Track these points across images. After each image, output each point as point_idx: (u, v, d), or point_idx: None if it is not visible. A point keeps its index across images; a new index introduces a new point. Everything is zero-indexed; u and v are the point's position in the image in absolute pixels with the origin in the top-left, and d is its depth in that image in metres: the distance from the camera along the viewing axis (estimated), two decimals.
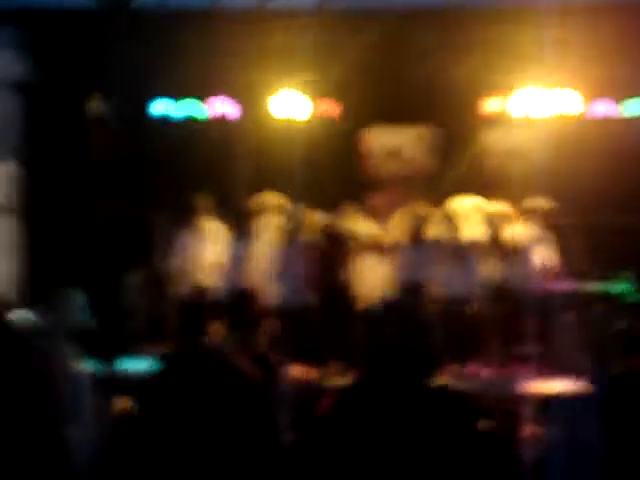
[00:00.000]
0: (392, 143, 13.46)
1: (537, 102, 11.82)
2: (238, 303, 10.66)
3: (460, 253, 10.13)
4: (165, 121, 12.38)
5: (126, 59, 9.65)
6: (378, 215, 11.66)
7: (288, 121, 12.66)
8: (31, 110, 11.82)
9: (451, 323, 10.14)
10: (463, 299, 10.09)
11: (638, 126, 11.94)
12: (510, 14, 11.15)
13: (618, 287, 11.13)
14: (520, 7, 11.08)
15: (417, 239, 10.52)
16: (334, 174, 12.85)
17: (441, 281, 10.16)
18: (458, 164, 12.65)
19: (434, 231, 10.37)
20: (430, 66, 11.57)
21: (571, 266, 11.48)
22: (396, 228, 11.08)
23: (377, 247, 10.81)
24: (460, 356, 10.09)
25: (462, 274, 10.10)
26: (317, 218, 11.06)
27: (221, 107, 12.68)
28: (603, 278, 11.22)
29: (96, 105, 11.34)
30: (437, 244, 10.26)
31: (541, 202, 10.89)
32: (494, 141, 13.19)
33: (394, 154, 13.44)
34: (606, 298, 10.74)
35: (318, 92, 12.43)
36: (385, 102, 12.24)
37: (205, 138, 12.53)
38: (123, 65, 9.77)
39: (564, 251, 11.35)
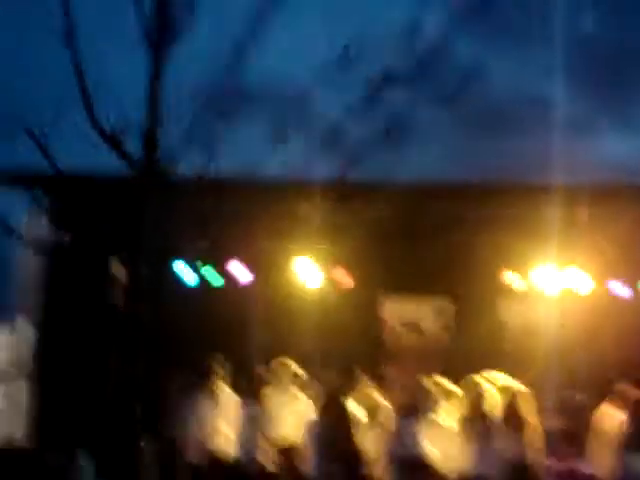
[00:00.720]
0: (410, 315, 13.54)
1: (553, 279, 11.96)
2: (253, 473, 10.50)
3: (482, 429, 10.02)
4: (185, 284, 12.50)
5: (153, 224, 9.79)
6: (393, 385, 11.62)
7: (302, 288, 12.75)
8: (55, 270, 11.95)
9: None
10: (484, 476, 9.92)
11: None
12: (528, 192, 11.40)
13: None
14: (538, 186, 11.35)
15: (430, 412, 10.39)
16: (348, 342, 12.87)
17: (462, 457, 10.01)
18: (476, 337, 12.70)
19: (455, 405, 10.25)
20: (447, 239, 11.72)
21: None
22: (412, 399, 10.96)
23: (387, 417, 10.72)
24: None
25: (483, 450, 9.96)
26: (332, 385, 10.98)
27: (238, 272, 12.80)
28: None
29: (118, 266, 11.46)
30: (460, 419, 10.15)
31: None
32: (511, 315, 13.30)
33: (412, 326, 13.51)
34: None
35: (333, 261, 12.56)
36: (402, 273, 12.35)
37: (221, 302, 12.63)
38: (149, 229, 9.91)
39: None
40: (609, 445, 10.39)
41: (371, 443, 10.45)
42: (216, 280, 12.76)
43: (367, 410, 10.54)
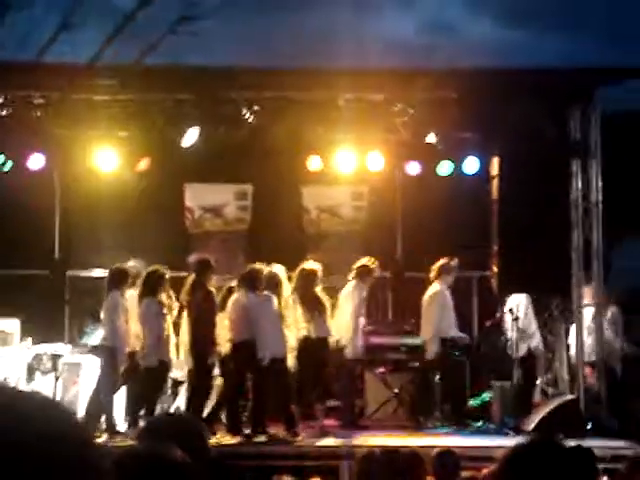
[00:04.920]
0: (212, 201, 13.51)
1: (351, 162, 12.12)
2: None
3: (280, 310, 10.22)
4: None
5: None
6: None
7: (103, 177, 12.46)
8: None
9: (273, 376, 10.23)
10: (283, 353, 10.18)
11: (448, 185, 12.45)
12: (321, 76, 11.40)
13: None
14: (336, 70, 11.39)
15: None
16: (151, 231, 12.76)
17: (266, 336, 10.18)
18: (277, 221, 12.83)
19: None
20: (247, 125, 11.67)
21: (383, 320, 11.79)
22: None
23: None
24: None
25: (277, 332, 10.19)
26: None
27: (33, 162, 12.33)
28: (411, 333, 11.55)
29: None
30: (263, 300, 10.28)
31: (369, 261, 11.17)
32: (312, 199, 13.48)
33: (214, 212, 13.50)
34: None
35: (134, 149, 12.33)
36: (203, 159, 12.25)
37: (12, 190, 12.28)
38: None
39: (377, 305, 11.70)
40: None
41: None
42: (6, 166, 12.22)
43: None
